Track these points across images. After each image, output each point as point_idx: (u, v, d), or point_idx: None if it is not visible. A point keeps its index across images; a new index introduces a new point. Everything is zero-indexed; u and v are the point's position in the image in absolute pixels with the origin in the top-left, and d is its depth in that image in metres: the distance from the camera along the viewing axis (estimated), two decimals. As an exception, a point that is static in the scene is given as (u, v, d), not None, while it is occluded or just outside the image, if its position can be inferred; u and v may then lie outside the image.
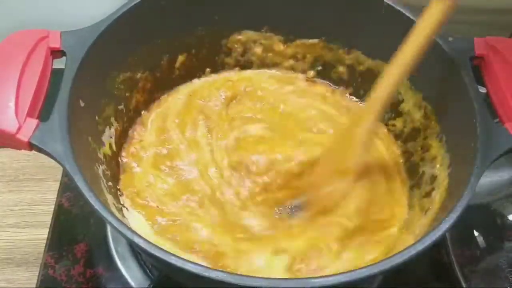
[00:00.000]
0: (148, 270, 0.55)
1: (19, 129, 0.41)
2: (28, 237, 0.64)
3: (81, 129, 0.46)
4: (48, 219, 0.61)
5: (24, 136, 0.41)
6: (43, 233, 0.60)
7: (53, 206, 0.62)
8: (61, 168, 0.64)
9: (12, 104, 0.42)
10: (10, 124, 0.41)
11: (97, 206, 0.38)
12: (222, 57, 0.62)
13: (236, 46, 0.62)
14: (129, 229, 0.38)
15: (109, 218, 0.38)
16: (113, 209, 0.45)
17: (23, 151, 0.66)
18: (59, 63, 0.47)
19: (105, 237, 0.58)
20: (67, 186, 0.62)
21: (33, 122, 0.41)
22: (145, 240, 0.37)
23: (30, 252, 0.63)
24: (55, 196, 0.63)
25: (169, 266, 0.36)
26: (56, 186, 0.64)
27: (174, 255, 0.36)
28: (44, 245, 0.58)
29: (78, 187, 0.40)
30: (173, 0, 0.54)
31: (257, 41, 0.62)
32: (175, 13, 0.55)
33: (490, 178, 0.60)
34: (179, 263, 0.36)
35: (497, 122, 0.45)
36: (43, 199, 0.68)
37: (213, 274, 0.35)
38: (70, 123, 0.42)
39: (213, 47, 0.61)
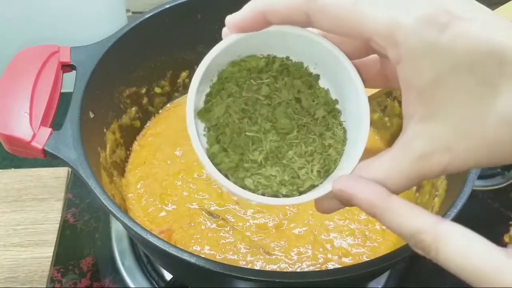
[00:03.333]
0: (154, 282, 0.56)
1: (33, 137, 0.42)
2: (32, 256, 0.64)
3: (90, 138, 0.47)
4: (51, 237, 0.62)
5: (38, 143, 0.42)
6: (47, 252, 0.61)
7: (56, 225, 0.63)
8: (63, 188, 0.66)
9: (26, 114, 0.43)
10: (25, 132, 0.42)
11: (111, 208, 0.40)
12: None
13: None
14: (150, 233, 0.38)
15: (128, 221, 0.39)
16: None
17: (25, 172, 0.67)
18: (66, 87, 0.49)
19: (111, 251, 0.58)
20: (71, 202, 0.63)
21: (46, 131, 0.43)
22: (164, 242, 0.38)
23: (34, 271, 0.63)
24: (58, 215, 0.64)
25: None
26: (58, 205, 0.65)
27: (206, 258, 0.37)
28: (48, 263, 0.59)
29: (93, 191, 0.41)
30: (175, 19, 0.57)
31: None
32: (178, 31, 0.58)
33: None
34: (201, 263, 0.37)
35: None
36: (46, 218, 0.68)
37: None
38: (81, 132, 0.44)
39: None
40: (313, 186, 0.31)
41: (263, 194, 0.30)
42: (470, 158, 0.26)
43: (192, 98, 0.30)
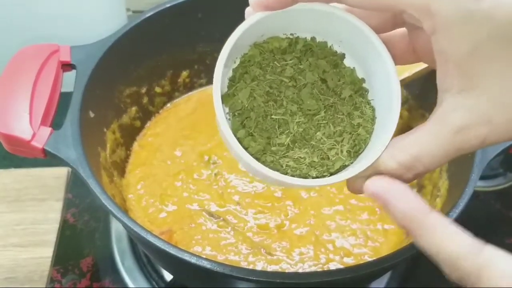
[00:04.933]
0: (154, 283, 0.56)
1: (33, 136, 0.42)
2: (31, 256, 0.64)
3: (90, 138, 0.47)
4: (51, 238, 0.62)
5: (38, 143, 0.42)
6: (47, 252, 0.61)
7: (55, 225, 0.63)
8: (63, 188, 0.66)
9: (26, 113, 0.43)
10: (25, 132, 0.42)
11: (111, 207, 0.39)
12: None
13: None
14: (151, 233, 0.38)
15: (128, 221, 0.39)
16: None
17: (25, 171, 0.67)
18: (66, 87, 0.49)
19: (110, 251, 0.58)
20: (71, 202, 0.63)
21: (46, 130, 0.43)
22: (165, 242, 0.38)
23: (34, 271, 0.62)
24: (57, 215, 0.63)
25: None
26: (58, 205, 0.65)
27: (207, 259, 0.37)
28: (48, 263, 0.59)
29: (93, 191, 0.40)
30: (176, 18, 0.57)
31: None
32: (178, 30, 0.58)
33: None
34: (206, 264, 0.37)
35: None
36: (46, 219, 0.68)
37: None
38: (81, 132, 0.44)
39: (214, 63, 0.63)
40: (344, 167, 0.30)
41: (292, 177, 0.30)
42: (510, 130, 0.25)
43: (218, 81, 0.29)
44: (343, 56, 0.32)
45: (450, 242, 0.25)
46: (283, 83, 0.30)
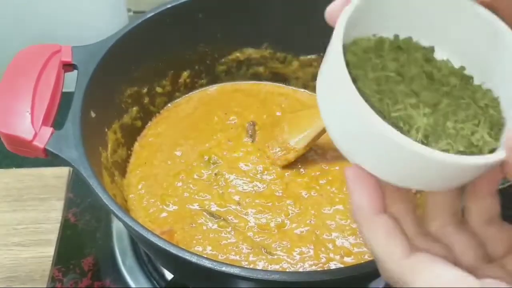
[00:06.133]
0: (155, 282, 0.56)
1: (35, 136, 0.42)
2: (32, 255, 0.64)
3: (92, 138, 0.47)
4: (52, 237, 0.62)
5: (40, 143, 0.42)
6: (48, 251, 0.61)
7: (56, 225, 0.63)
8: (64, 187, 0.66)
9: (28, 114, 0.43)
10: (26, 131, 0.42)
11: (113, 208, 0.40)
12: (223, 74, 0.65)
13: (235, 64, 0.64)
14: (152, 232, 0.39)
15: (129, 221, 0.39)
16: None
17: (26, 171, 0.67)
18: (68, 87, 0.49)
19: (112, 250, 0.58)
20: (72, 202, 0.63)
21: (48, 130, 0.43)
22: (170, 243, 0.38)
23: (35, 270, 0.62)
24: (59, 214, 0.64)
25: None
26: (59, 205, 0.65)
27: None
28: (49, 262, 0.59)
29: (94, 190, 0.41)
30: (177, 19, 0.57)
31: (258, 59, 0.64)
32: (179, 31, 0.58)
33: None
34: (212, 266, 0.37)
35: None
36: (47, 218, 0.68)
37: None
38: (83, 132, 0.44)
39: (215, 63, 0.63)
40: (493, 150, 0.27)
41: None
42: None
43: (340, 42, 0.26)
44: (432, 49, 0.30)
45: (384, 244, 0.26)
46: (390, 79, 0.28)
